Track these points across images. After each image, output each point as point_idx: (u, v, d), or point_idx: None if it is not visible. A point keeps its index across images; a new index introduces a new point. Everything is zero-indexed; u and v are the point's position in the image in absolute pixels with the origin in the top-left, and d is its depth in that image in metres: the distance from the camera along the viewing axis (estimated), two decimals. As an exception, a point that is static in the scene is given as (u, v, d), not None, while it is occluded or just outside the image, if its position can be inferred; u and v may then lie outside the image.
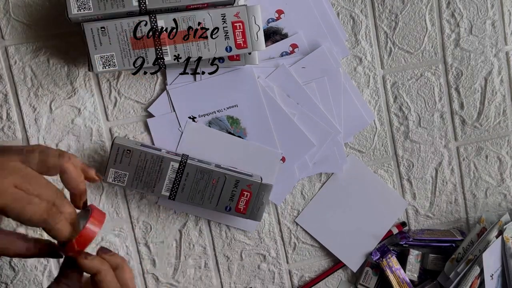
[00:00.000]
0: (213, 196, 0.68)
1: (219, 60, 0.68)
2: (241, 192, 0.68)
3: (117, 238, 0.72)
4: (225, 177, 0.68)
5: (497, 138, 0.76)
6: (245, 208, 0.69)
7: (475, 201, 0.77)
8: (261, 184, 0.68)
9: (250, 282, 0.75)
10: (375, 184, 0.75)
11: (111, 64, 0.64)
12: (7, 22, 0.67)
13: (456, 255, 0.73)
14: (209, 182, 0.68)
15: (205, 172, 0.67)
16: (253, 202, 0.69)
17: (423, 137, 0.75)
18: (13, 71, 0.68)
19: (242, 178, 0.68)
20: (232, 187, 0.68)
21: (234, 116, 0.70)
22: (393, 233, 0.75)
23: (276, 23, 0.70)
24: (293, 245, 0.75)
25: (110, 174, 0.67)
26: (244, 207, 0.69)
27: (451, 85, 0.74)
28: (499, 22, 0.73)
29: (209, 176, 0.67)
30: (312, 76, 0.71)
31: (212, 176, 0.68)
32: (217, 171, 0.68)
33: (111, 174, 0.67)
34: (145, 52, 0.63)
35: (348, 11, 0.71)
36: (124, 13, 0.62)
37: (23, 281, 0.72)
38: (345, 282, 0.76)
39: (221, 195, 0.68)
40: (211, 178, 0.68)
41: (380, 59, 0.73)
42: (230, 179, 0.68)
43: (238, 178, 0.68)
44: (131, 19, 0.62)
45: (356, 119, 0.73)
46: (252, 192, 0.68)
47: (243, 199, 0.68)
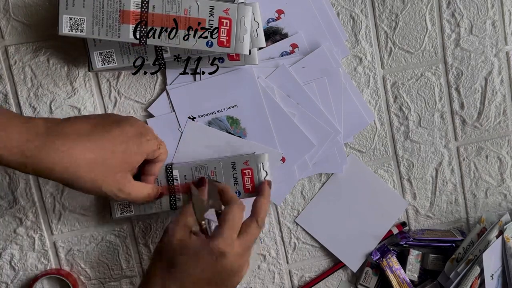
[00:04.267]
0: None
1: (219, 60, 0.68)
2: (242, 172, 0.67)
3: (117, 238, 0.72)
4: (221, 164, 0.67)
5: (497, 138, 0.76)
6: (252, 186, 0.68)
7: (475, 201, 0.77)
8: (255, 155, 0.67)
9: (250, 282, 0.75)
10: (375, 184, 0.75)
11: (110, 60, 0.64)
12: (7, 22, 0.67)
13: (456, 255, 0.73)
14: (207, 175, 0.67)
15: (200, 168, 0.67)
16: (257, 177, 0.67)
17: (423, 137, 0.75)
18: (13, 71, 0.68)
19: (236, 157, 0.67)
20: (231, 171, 0.67)
21: (234, 116, 0.70)
22: (393, 233, 0.75)
23: (276, 23, 0.70)
24: (293, 245, 0.75)
25: (116, 209, 0.68)
26: (252, 185, 0.68)
27: (451, 85, 0.74)
28: (499, 22, 0.73)
29: (205, 170, 0.67)
30: (312, 76, 0.71)
31: (208, 168, 0.67)
32: (212, 161, 0.67)
33: (117, 208, 0.68)
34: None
35: (348, 11, 0.71)
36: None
37: (23, 280, 0.72)
38: (345, 282, 0.76)
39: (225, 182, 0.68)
40: (208, 171, 0.67)
41: (380, 59, 0.73)
42: (225, 164, 0.67)
43: (232, 159, 0.67)
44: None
45: (356, 119, 0.73)
46: (252, 167, 0.67)
47: (247, 178, 0.67)
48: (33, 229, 0.71)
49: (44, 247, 0.71)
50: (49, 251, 0.72)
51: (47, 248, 0.71)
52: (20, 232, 0.71)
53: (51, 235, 0.71)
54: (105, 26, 0.60)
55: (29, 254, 0.71)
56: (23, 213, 0.70)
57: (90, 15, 0.60)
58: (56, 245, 0.72)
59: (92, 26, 0.60)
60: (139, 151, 0.59)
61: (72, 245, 0.72)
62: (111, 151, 0.56)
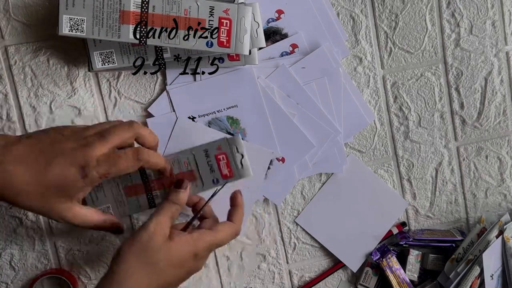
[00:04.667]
0: (194, 178, 0.66)
1: (219, 60, 0.68)
2: (216, 158, 0.65)
3: (117, 238, 0.72)
4: (193, 153, 0.65)
5: (497, 138, 0.76)
6: (230, 171, 0.66)
7: (475, 201, 0.77)
8: (227, 140, 0.66)
9: (250, 282, 0.75)
10: (375, 184, 0.75)
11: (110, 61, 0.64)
12: (7, 22, 0.67)
13: (456, 255, 0.73)
14: (181, 167, 0.65)
15: (174, 162, 0.65)
16: (233, 161, 0.66)
17: (423, 137, 0.75)
18: (13, 71, 0.68)
19: (208, 145, 0.65)
20: (204, 158, 0.65)
21: (234, 116, 0.70)
22: (393, 233, 0.75)
23: (276, 23, 0.70)
24: (293, 245, 0.75)
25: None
26: (229, 170, 0.66)
27: (451, 85, 0.74)
28: (499, 22, 0.73)
29: (178, 163, 0.65)
30: (312, 76, 0.71)
31: (182, 159, 0.65)
32: (183, 152, 0.65)
33: None
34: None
35: (348, 11, 0.71)
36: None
37: (23, 280, 0.72)
38: (345, 282, 0.76)
39: (200, 172, 0.65)
40: (182, 162, 0.65)
41: (380, 59, 0.73)
42: (198, 153, 0.65)
43: (204, 147, 0.65)
44: None
45: (356, 119, 0.73)
46: (226, 152, 0.65)
47: (222, 163, 0.65)
48: (33, 229, 0.71)
49: (44, 247, 0.71)
50: (49, 251, 0.72)
51: (47, 248, 0.71)
52: (20, 232, 0.71)
53: (51, 235, 0.71)
54: (105, 26, 0.60)
55: (29, 254, 0.71)
56: (23, 213, 0.70)
57: (90, 15, 0.60)
58: (56, 245, 0.72)
59: (92, 26, 0.60)
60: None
61: (72, 245, 0.72)
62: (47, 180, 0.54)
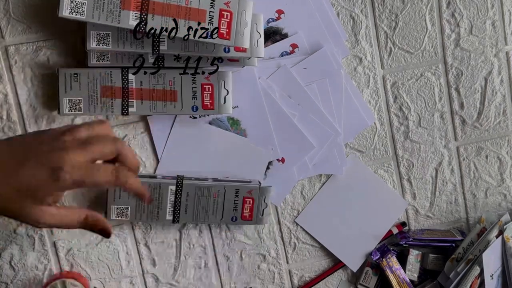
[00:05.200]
0: (216, 209, 0.68)
1: (219, 60, 0.68)
2: (243, 200, 0.68)
3: (117, 238, 0.72)
4: (225, 189, 0.68)
5: (497, 138, 0.76)
6: (250, 215, 0.69)
7: (475, 201, 0.77)
8: (260, 188, 0.69)
9: (250, 282, 0.75)
10: (375, 184, 0.75)
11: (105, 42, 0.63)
12: (7, 22, 0.67)
13: (456, 255, 0.73)
14: (210, 197, 0.68)
15: (204, 188, 0.68)
16: (257, 207, 0.69)
17: (423, 137, 0.75)
18: (13, 71, 0.68)
19: (241, 186, 0.68)
20: (233, 197, 0.68)
21: (234, 117, 0.70)
22: (393, 233, 0.75)
23: (276, 23, 0.70)
24: (293, 245, 0.75)
25: (112, 211, 0.67)
26: (250, 214, 0.69)
27: (451, 85, 0.74)
28: (499, 22, 0.73)
29: (209, 192, 0.68)
30: (313, 78, 0.71)
31: (212, 190, 0.68)
32: (216, 184, 0.68)
33: (113, 210, 0.67)
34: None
35: (348, 11, 0.71)
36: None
37: (23, 280, 0.72)
38: (345, 282, 0.76)
39: (224, 207, 0.68)
40: (211, 192, 0.68)
41: (380, 59, 0.73)
42: (230, 189, 0.68)
43: (237, 187, 0.68)
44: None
45: (356, 120, 0.73)
46: (254, 197, 0.69)
47: (247, 206, 0.69)
48: (33, 229, 0.71)
49: (44, 247, 0.71)
50: (49, 251, 0.72)
51: (47, 248, 0.71)
52: (20, 232, 0.71)
53: (51, 235, 0.71)
54: (105, 11, 0.60)
55: (29, 254, 0.71)
56: (23, 213, 0.70)
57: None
58: (56, 245, 0.72)
59: (92, 10, 0.60)
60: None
61: (72, 245, 0.72)
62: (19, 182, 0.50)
